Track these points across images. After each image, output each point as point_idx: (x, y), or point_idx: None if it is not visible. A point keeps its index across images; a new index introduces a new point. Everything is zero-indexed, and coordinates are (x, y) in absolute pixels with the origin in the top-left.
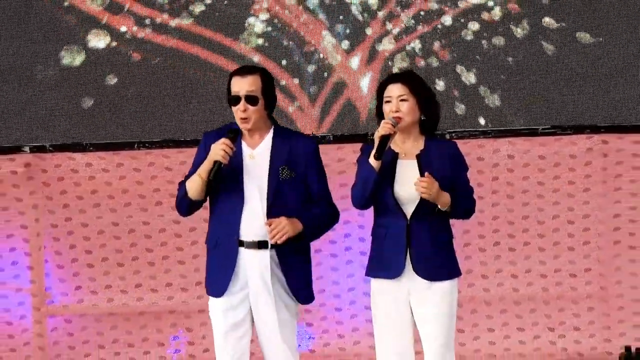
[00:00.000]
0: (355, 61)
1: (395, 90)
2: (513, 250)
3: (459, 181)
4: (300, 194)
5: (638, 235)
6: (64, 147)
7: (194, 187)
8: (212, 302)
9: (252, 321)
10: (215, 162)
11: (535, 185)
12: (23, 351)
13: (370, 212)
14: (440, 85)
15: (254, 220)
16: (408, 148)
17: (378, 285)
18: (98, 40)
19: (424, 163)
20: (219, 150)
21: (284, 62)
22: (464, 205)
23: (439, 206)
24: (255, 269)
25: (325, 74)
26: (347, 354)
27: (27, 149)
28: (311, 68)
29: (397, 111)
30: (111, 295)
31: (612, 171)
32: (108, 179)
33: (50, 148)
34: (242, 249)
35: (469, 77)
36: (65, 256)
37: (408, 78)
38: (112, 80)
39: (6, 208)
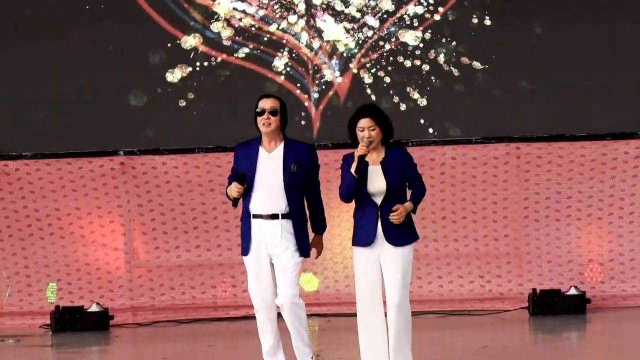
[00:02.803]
0: (344, 88)
1: (366, 123)
2: (455, 222)
3: (411, 174)
4: (303, 180)
5: (540, 212)
6: (147, 151)
7: (229, 196)
8: (245, 258)
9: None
10: (233, 198)
11: (470, 178)
12: (118, 292)
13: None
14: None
15: (263, 200)
16: (374, 158)
17: (358, 250)
18: (172, 76)
19: (386, 167)
20: (233, 192)
21: (297, 91)
22: (420, 196)
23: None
24: (268, 232)
25: (325, 95)
26: (340, 293)
27: (121, 152)
28: (316, 95)
29: (369, 137)
30: (179, 253)
31: (523, 168)
32: (177, 173)
33: (137, 152)
34: (255, 220)
35: (427, 105)
36: (147, 226)
37: (374, 112)
38: (170, 114)
39: (107, 193)
